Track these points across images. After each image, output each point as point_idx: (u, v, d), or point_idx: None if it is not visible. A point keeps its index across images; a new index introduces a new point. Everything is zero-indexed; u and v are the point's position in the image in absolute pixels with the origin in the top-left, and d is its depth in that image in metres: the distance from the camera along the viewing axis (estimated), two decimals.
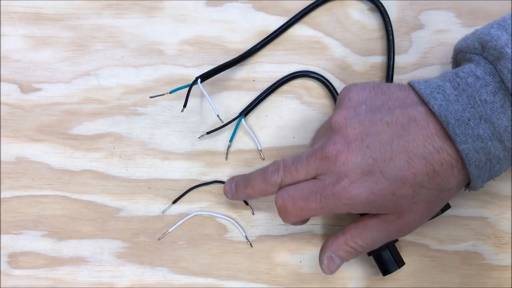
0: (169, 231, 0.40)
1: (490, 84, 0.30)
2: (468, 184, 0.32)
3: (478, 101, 0.30)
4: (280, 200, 0.33)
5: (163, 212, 0.40)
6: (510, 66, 0.29)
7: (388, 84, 0.34)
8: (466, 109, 0.30)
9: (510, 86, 0.29)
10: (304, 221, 0.36)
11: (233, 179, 0.37)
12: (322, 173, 0.32)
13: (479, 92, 0.30)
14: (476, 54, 0.32)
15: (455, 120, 0.29)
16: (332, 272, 0.34)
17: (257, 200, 0.39)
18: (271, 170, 0.34)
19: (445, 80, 0.31)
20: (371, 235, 0.33)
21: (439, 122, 0.30)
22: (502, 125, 0.29)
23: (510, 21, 0.31)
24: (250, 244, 0.39)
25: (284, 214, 0.33)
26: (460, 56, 0.34)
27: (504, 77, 0.29)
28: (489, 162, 0.30)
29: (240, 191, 0.36)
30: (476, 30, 0.33)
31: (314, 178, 0.33)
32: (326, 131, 0.34)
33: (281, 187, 0.34)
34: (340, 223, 0.39)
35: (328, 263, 0.34)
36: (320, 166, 0.32)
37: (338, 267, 0.34)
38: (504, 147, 0.30)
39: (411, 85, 0.33)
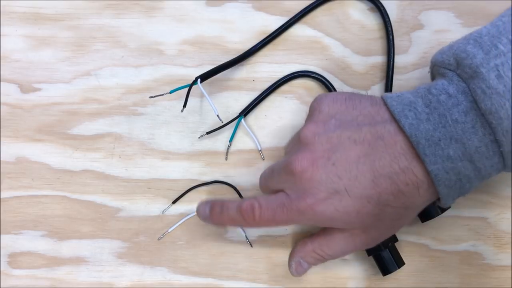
0: (169, 231, 0.40)
1: (462, 103, 0.29)
2: (438, 199, 0.32)
3: (450, 120, 0.29)
4: (248, 206, 0.33)
5: (163, 212, 0.40)
6: (483, 86, 0.28)
7: (360, 96, 0.34)
8: (437, 128, 0.29)
9: (482, 107, 0.28)
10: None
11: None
12: (289, 188, 0.32)
13: (450, 111, 0.29)
14: (450, 70, 0.31)
15: (425, 140, 0.29)
16: (300, 275, 0.36)
17: None
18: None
19: (417, 96, 0.31)
20: (337, 246, 0.34)
21: (407, 141, 0.30)
22: (472, 145, 0.29)
23: (486, 37, 0.30)
24: (250, 244, 0.39)
25: (249, 220, 0.33)
26: (435, 69, 0.33)
27: (477, 97, 0.29)
28: (459, 181, 0.30)
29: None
30: (453, 44, 0.32)
31: (283, 190, 0.33)
32: (296, 143, 0.34)
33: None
34: None
35: (296, 267, 0.36)
36: (287, 180, 0.32)
37: (305, 270, 0.36)
38: (474, 167, 0.29)
39: (383, 99, 0.32)
